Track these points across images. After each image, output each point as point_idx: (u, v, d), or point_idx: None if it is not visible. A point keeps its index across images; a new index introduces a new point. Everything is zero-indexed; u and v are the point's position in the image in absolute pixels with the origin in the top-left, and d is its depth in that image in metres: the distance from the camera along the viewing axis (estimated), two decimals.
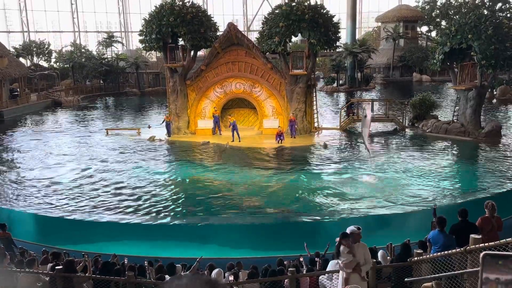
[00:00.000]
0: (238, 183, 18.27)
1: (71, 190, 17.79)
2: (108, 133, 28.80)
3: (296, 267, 9.00)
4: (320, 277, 8.25)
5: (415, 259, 7.49)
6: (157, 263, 10.05)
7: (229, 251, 12.93)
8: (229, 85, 26.91)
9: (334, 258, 7.70)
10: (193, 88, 27.31)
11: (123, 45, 66.66)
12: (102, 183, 18.55)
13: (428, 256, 7.24)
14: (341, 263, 7.04)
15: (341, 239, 6.99)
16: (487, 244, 5.53)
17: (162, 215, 15.10)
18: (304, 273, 9.11)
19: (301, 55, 26.79)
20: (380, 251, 9.49)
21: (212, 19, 27.81)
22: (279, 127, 25.46)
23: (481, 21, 22.55)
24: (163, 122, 27.58)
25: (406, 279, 7.54)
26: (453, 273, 6.21)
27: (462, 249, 6.04)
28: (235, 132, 25.06)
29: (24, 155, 23.91)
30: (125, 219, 14.71)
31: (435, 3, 64.16)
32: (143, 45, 27.98)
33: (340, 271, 7.24)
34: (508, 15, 55.48)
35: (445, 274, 6.39)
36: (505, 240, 5.24)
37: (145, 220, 14.72)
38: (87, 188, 17.96)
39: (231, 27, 25.66)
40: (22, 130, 32.34)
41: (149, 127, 29.71)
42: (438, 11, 63.54)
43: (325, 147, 23.81)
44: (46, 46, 54.45)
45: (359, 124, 28.12)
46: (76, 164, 21.76)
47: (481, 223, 7.71)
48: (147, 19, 26.94)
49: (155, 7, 27.11)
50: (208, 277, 1.92)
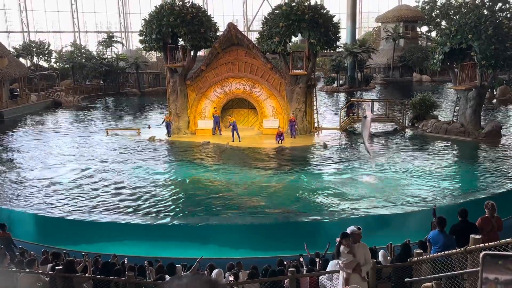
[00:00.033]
0: (238, 183, 18.27)
1: (71, 190, 17.81)
2: (108, 133, 28.81)
3: (296, 267, 8.99)
4: (320, 277, 8.24)
5: (415, 259, 7.49)
6: (157, 263, 10.06)
7: (229, 251, 12.92)
8: (229, 85, 26.92)
9: (334, 258, 7.70)
10: (193, 88, 27.31)
11: (123, 45, 66.67)
12: (102, 183, 18.56)
13: (428, 256, 7.23)
14: (341, 263, 7.03)
15: (341, 239, 6.98)
16: (487, 244, 5.53)
17: (162, 215, 15.10)
18: (304, 273, 9.11)
19: (301, 55, 26.80)
20: (381, 251, 9.49)
21: (212, 19, 27.82)
22: (279, 127, 25.46)
23: (481, 21, 22.56)
24: (163, 122, 27.58)
25: (406, 279, 7.54)
26: (453, 273, 6.21)
27: (462, 249, 6.04)
28: (235, 132, 25.07)
29: (24, 155, 23.91)
30: (125, 219, 14.71)
31: (435, 3, 64.16)
32: (143, 45, 28.01)
33: (340, 271, 7.24)
34: (508, 15, 55.47)
35: (445, 274, 6.39)
36: (505, 240, 5.25)
37: (145, 220, 14.72)
38: (87, 188, 17.97)
39: (231, 27, 25.66)
40: (22, 130, 32.33)
41: (149, 127, 29.72)
42: (438, 11, 63.53)
43: (325, 147, 23.81)
44: (46, 46, 54.42)
45: (359, 124, 28.16)
46: (76, 164, 21.77)
47: (481, 223, 7.71)
48: (147, 19, 26.96)
49: (155, 7, 27.11)
50: (208, 277, 1.93)
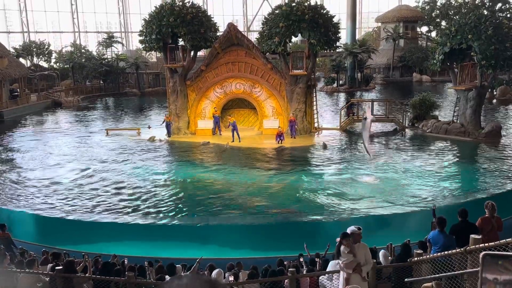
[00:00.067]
0: (238, 184, 18.27)
1: (71, 190, 17.80)
2: (108, 133, 28.81)
3: (296, 267, 8.99)
4: (320, 278, 8.24)
5: (415, 259, 7.49)
6: (157, 263, 10.06)
7: (229, 252, 12.92)
8: (229, 86, 26.92)
9: (334, 258, 7.70)
10: (193, 88, 27.31)
11: (123, 45, 66.67)
12: (102, 183, 18.56)
13: (428, 256, 7.23)
14: (341, 263, 7.03)
15: (341, 239, 6.98)
16: (487, 244, 5.53)
17: (162, 215, 15.10)
18: (304, 273, 9.10)
19: (301, 56, 26.81)
20: (381, 251, 9.49)
21: (212, 19, 27.82)
22: (279, 127, 25.45)
23: (481, 21, 22.56)
24: (163, 122, 27.57)
25: (406, 279, 7.55)
26: (453, 273, 6.21)
27: (462, 249, 6.04)
28: (235, 132, 25.07)
29: (24, 156, 23.90)
30: (125, 220, 14.71)
31: (435, 3, 64.15)
32: (143, 45, 28.01)
33: (340, 272, 7.24)
34: (508, 15, 55.46)
35: (445, 274, 6.39)
36: (505, 240, 5.25)
37: (145, 220, 14.72)
38: (87, 188, 17.97)
39: (231, 27, 25.66)
40: (22, 130, 32.33)
41: (149, 128, 29.72)
42: (438, 11, 63.52)
43: (325, 147, 23.79)
44: (46, 46, 54.38)
45: (359, 124, 28.15)
46: (76, 164, 21.77)
47: (481, 223, 7.71)
48: (147, 19, 26.96)
49: (155, 7, 27.11)
50: (208, 277, 1.93)
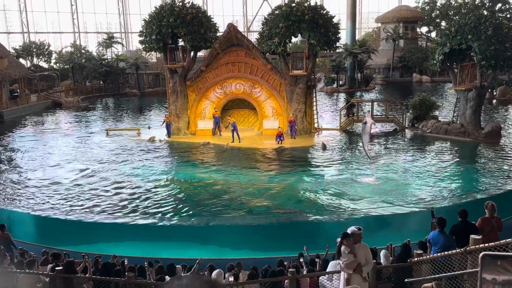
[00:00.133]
0: (238, 184, 18.26)
1: (71, 190, 17.80)
2: (108, 133, 28.81)
3: (296, 267, 8.99)
4: (320, 278, 8.24)
5: (415, 259, 7.49)
6: (157, 264, 10.06)
7: (229, 252, 12.91)
8: (229, 86, 26.92)
9: (334, 258, 7.69)
10: (193, 88, 27.31)
11: (123, 46, 66.68)
12: (102, 184, 18.56)
13: (428, 256, 7.23)
14: (342, 263, 7.03)
15: (342, 239, 6.98)
16: (487, 244, 5.53)
17: (162, 216, 15.10)
18: (304, 273, 9.10)
19: (301, 56, 26.81)
20: (382, 251, 9.49)
21: (212, 20, 27.83)
22: (279, 127, 25.45)
23: (481, 21, 22.57)
24: (163, 123, 27.57)
25: (406, 280, 7.54)
26: (453, 273, 6.21)
27: (462, 249, 6.04)
28: (235, 132, 25.06)
29: (24, 156, 23.91)
30: (125, 220, 14.70)
31: (435, 3, 64.15)
32: (143, 46, 28.02)
33: (341, 272, 7.23)
34: (508, 16, 55.45)
35: (445, 274, 6.39)
36: (505, 240, 5.25)
37: (145, 220, 14.71)
38: (87, 188, 17.97)
39: (231, 27, 25.67)
40: (22, 131, 32.33)
41: (149, 128, 29.73)
42: (438, 12, 63.51)
43: (324, 147, 23.77)
44: (46, 47, 54.37)
45: (359, 124, 28.12)
46: (76, 164, 21.77)
47: (481, 224, 7.71)
48: (147, 20, 26.96)
49: (155, 8, 27.11)
50: (208, 277, 1.93)
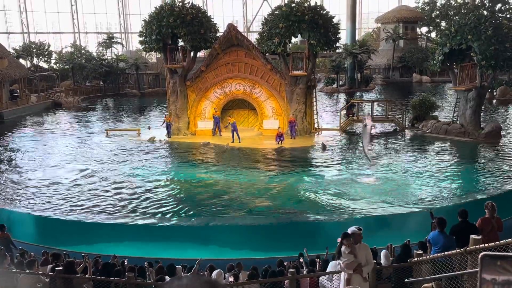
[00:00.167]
0: (238, 184, 18.26)
1: (71, 191, 17.80)
2: (108, 134, 28.81)
3: (296, 268, 8.99)
4: (320, 278, 8.24)
5: (415, 260, 7.49)
6: (157, 264, 10.06)
7: (229, 252, 12.91)
8: (229, 86, 26.92)
9: (335, 258, 7.69)
10: (193, 89, 27.31)
11: (123, 46, 66.70)
12: (101, 184, 18.55)
13: (428, 257, 7.23)
14: (342, 263, 7.02)
15: (342, 239, 6.98)
16: (487, 245, 5.53)
17: (162, 216, 15.10)
18: (304, 274, 9.10)
19: (301, 56, 26.81)
20: (383, 251, 9.49)
21: (212, 20, 27.83)
22: (279, 128, 25.45)
23: (481, 21, 22.57)
24: (163, 123, 27.57)
25: (406, 280, 7.54)
26: (453, 273, 6.21)
27: (462, 250, 6.04)
28: (235, 133, 25.06)
29: (24, 156, 23.91)
30: (125, 220, 14.70)
31: (434, 4, 64.16)
32: (143, 46, 28.02)
33: (341, 272, 7.23)
34: (508, 16, 55.47)
35: (445, 275, 6.39)
36: (505, 240, 5.25)
37: (145, 221, 14.70)
38: (87, 189, 17.96)
39: (231, 28, 25.67)
40: (22, 131, 32.32)
41: (149, 128, 29.73)
42: (438, 12, 63.52)
43: (324, 148, 23.77)
44: (46, 47, 54.36)
45: (359, 125, 28.13)
46: (76, 165, 21.76)
47: (481, 224, 7.71)
48: (147, 20, 26.96)
49: (155, 8, 27.11)
50: (208, 277, 1.93)
